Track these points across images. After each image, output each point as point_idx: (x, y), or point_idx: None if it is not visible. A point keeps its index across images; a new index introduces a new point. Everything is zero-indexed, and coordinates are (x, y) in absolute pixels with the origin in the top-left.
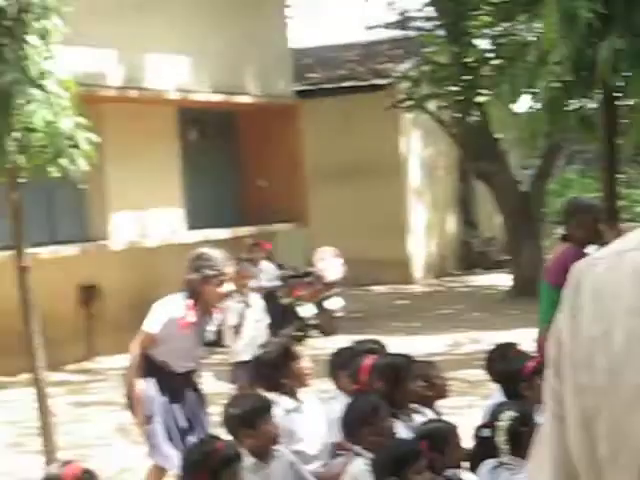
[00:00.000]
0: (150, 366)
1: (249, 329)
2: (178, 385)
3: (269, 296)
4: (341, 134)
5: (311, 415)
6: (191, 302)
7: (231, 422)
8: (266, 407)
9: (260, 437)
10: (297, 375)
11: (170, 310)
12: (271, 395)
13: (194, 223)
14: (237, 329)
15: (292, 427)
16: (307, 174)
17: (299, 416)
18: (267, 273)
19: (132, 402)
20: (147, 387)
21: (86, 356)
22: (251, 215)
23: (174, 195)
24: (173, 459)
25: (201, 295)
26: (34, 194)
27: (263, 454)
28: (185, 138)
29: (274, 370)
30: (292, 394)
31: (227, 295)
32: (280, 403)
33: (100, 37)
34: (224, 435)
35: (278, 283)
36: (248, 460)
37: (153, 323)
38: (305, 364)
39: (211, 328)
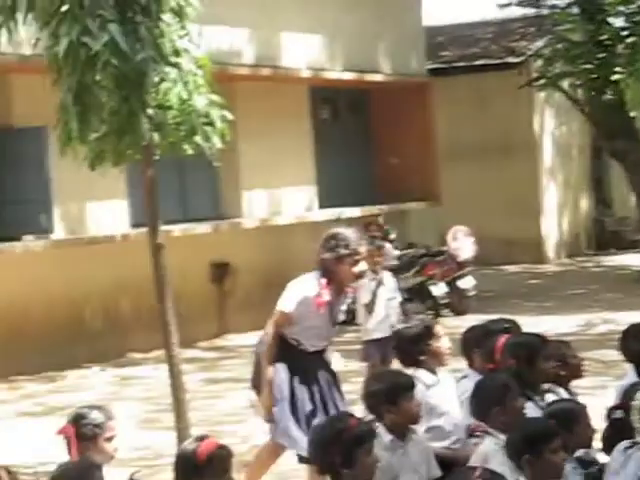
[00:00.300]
0: (283, 345)
1: (381, 307)
2: (310, 365)
3: None
4: (474, 112)
5: (448, 392)
6: (325, 281)
7: (373, 397)
8: (409, 385)
9: (401, 414)
10: (436, 354)
11: (305, 289)
12: (410, 370)
13: (326, 201)
14: (369, 307)
15: (432, 402)
16: (439, 152)
17: (439, 391)
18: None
19: (260, 381)
20: (278, 367)
21: (218, 333)
22: (383, 194)
23: (306, 173)
24: (300, 441)
25: (335, 274)
26: (168, 171)
27: (401, 432)
28: (317, 116)
29: (414, 346)
30: (431, 371)
31: (361, 275)
32: (420, 378)
33: (234, 15)
34: (358, 413)
35: (395, 263)
36: (385, 437)
37: (288, 302)
38: (445, 343)
39: (343, 307)
